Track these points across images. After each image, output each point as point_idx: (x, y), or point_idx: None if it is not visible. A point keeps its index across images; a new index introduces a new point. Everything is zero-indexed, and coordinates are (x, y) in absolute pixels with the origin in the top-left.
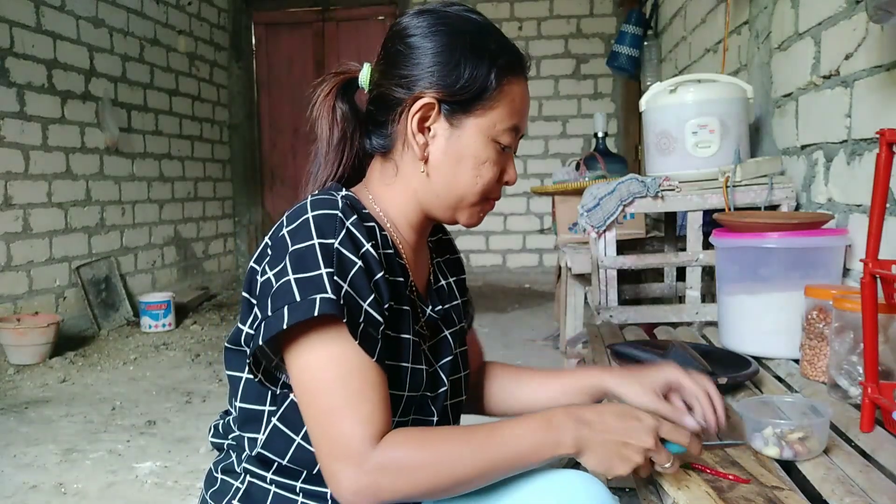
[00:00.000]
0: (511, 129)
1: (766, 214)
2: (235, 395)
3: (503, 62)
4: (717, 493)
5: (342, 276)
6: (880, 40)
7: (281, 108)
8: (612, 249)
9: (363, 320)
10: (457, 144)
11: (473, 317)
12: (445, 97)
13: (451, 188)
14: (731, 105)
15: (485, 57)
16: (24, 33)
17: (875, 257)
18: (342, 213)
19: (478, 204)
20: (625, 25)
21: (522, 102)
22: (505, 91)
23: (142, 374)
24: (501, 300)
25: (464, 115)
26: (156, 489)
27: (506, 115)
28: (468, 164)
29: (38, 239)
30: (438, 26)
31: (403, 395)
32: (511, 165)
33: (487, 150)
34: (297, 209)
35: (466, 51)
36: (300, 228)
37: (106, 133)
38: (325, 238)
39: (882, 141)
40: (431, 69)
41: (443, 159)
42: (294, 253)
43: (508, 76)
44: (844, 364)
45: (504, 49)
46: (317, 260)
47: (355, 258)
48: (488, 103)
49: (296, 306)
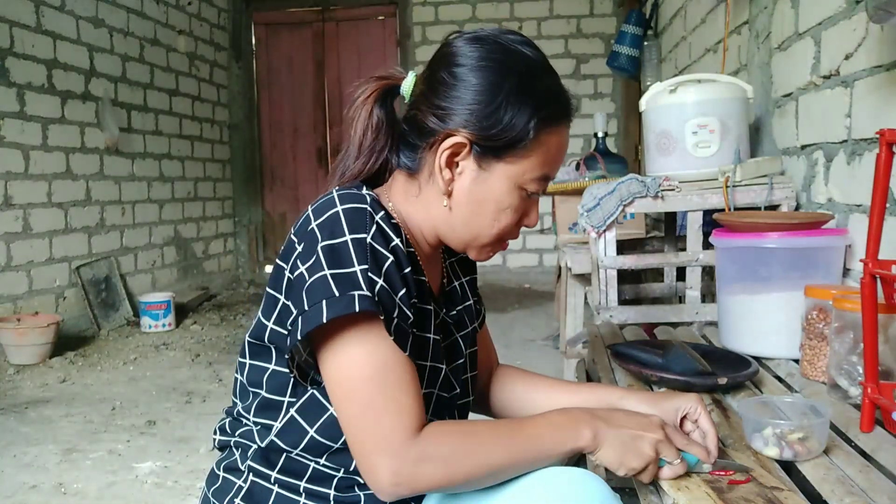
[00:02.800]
0: (541, 178)
1: (766, 214)
2: (259, 385)
3: (546, 113)
4: (717, 494)
5: (376, 272)
6: (880, 40)
7: (281, 108)
8: (612, 249)
9: (396, 315)
10: (482, 187)
11: (485, 316)
12: (478, 140)
13: (468, 227)
14: (731, 105)
15: (528, 104)
16: (24, 33)
17: (875, 257)
18: (371, 208)
19: (490, 245)
20: (625, 25)
21: (559, 152)
22: (542, 141)
23: (142, 374)
24: (501, 300)
25: (494, 160)
26: (156, 489)
27: (538, 164)
28: (489, 207)
29: (38, 239)
30: (488, 61)
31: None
32: (534, 210)
33: (512, 196)
34: (325, 203)
35: (511, 94)
36: (330, 222)
37: (106, 133)
38: (358, 232)
39: (882, 141)
40: (470, 107)
41: (466, 198)
42: (326, 247)
43: (549, 127)
44: (844, 364)
45: (551, 96)
46: (350, 255)
47: (387, 252)
48: (521, 152)
49: (334, 301)
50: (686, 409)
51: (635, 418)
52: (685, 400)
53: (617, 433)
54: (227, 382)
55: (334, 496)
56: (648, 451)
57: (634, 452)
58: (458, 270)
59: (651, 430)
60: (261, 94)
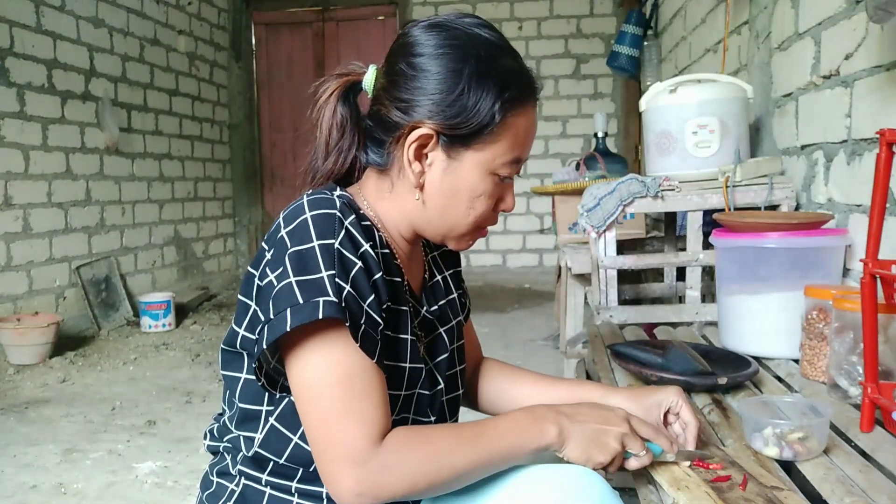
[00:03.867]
0: (512, 162)
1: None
2: (234, 395)
3: (511, 94)
4: (717, 494)
5: (344, 278)
6: (880, 40)
7: (281, 108)
8: (612, 249)
9: (364, 322)
10: (453, 176)
11: (469, 308)
12: (444, 130)
13: (443, 218)
14: (731, 105)
15: (491, 88)
16: (24, 33)
17: (875, 257)
18: (340, 213)
19: (468, 233)
20: (625, 25)
21: (528, 133)
22: (509, 124)
23: (142, 374)
24: (501, 300)
25: (463, 148)
26: (156, 489)
27: (508, 147)
28: (463, 196)
29: (38, 239)
30: (446, 47)
31: (401, 394)
32: (509, 193)
33: (484, 183)
34: (294, 209)
35: (472, 78)
36: (298, 229)
37: (106, 133)
38: (325, 238)
39: (882, 141)
40: (433, 97)
41: (438, 190)
42: (294, 254)
43: (515, 108)
44: (844, 364)
45: (514, 77)
46: (318, 261)
47: (355, 258)
48: (490, 137)
49: (298, 309)
50: (668, 402)
51: (599, 412)
52: (666, 394)
53: (582, 428)
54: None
55: (327, 493)
56: (614, 444)
57: (600, 447)
58: (442, 264)
59: (615, 424)
60: (261, 94)
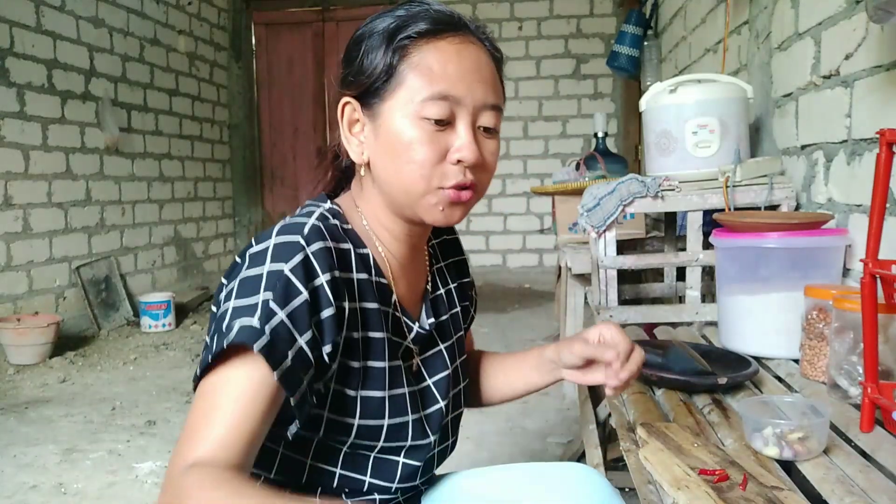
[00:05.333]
0: (436, 98)
1: (766, 214)
2: None
3: (406, 33)
4: (717, 493)
5: (281, 304)
6: (880, 40)
7: (281, 108)
8: (612, 249)
9: (293, 357)
10: (383, 136)
11: (473, 319)
12: (357, 92)
13: (394, 184)
14: (731, 105)
15: (383, 38)
16: (24, 33)
17: (875, 257)
18: (305, 240)
19: (432, 195)
20: (625, 25)
21: (447, 65)
22: (413, 61)
23: (142, 374)
24: (501, 300)
25: (379, 103)
26: (156, 489)
27: (421, 84)
28: (397, 151)
29: (38, 239)
30: (363, 24)
31: (383, 423)
32: (459, 138)
33: (412, 130)
34: (266, 232)
35: (372, 39)
36: (258, 254)
37: (106, 133)
38: (277, 263)
39: (882, 141)
40: (346, 67)
41: (377, 156)
42: (242, 278)
43: (413, 43)
44: (844, 364)
45: (408, 18)
46: (259, 286)
47: (303, 289)
48: (395, 81)
49: (221, 336)
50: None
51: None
52: (596, 327)
53: None
54: None
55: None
56: None
57: None
58: (448, 276)
59: None
60: (261, 94)
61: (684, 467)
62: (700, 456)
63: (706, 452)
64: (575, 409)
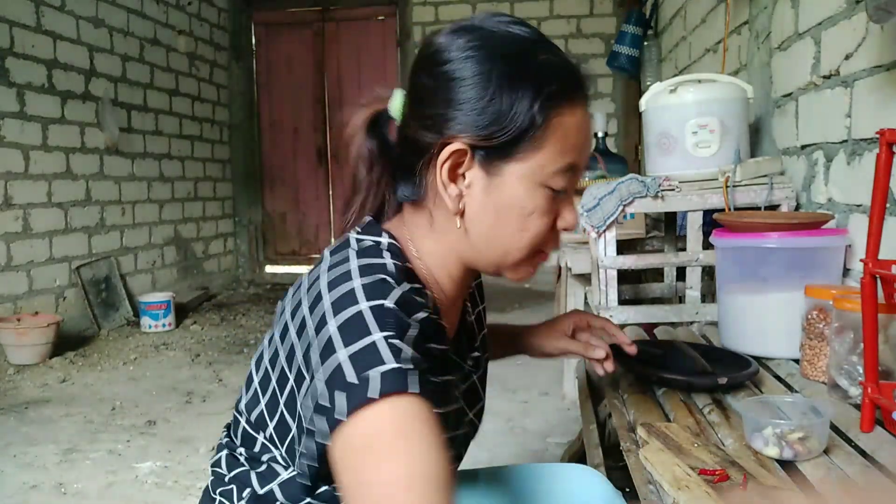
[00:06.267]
0: (565, 170)
1: (766, 214)
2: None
3: (551, 90)
4: (717, 493)
5: (400, 336)
6: (880, 40)
7: (281, 108)
8: (612, 249)
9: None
10: (496, 195)
11: None
12: (479, 142)
13: (492, 244)
14: (731, 105)
15: (526, 87)
16: (24, 33)
17: (875, 257)
18: (394, 280)
19: (525, 259)
20: (625, 25)
21: (579, 134)
22: (554, 125)
23: (142, 374)
24: (501, 300)
25: (503, 161)
26: (156, 489)
27: (557, 154)
28: (511, 217)
29: (38, 239)
30: (472, 50)
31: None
32: (568, 209)
33: (535, 198)
34: (341, 275)
35: (504, 80)
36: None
37: (106, 133)
38: (375, 300)
39: (882, 141)
40: (461, 107)
41: (481, 213)
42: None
43: (559, 107)
44: (844, 364)
45: (554, 72)
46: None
47: (410, 321)
48: (532, 144)
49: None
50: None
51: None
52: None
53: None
54: (228, 382)
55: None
56: None
57: None
58: (476, 300)
59: None
60: (261, 94)
61: (684, 467)
62: (700, 456)
63: (706, 452)
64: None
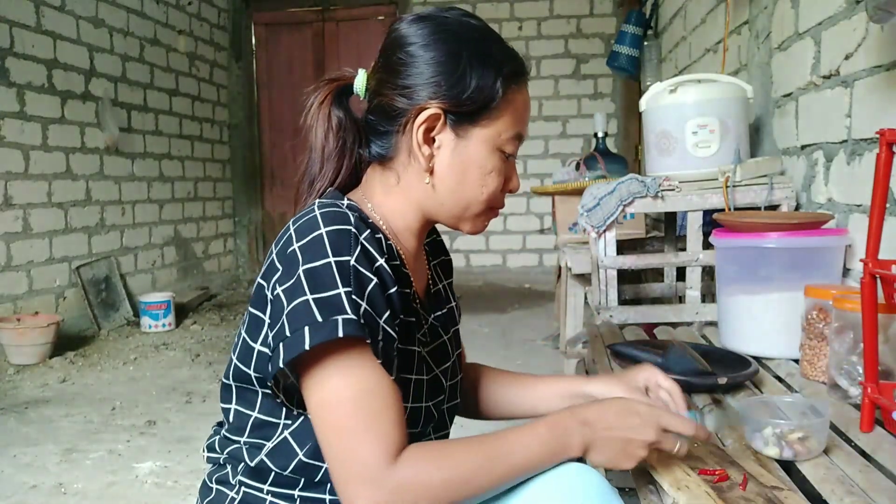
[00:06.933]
0: (515, 137)
1: (766, 214)
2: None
3: (508, 70)
4: (717, 493)
5: (360, 295)
6: (880, 40)
7: (281, 108)
8: (612, 249)
9: (381, 338)
10: (462, 155)
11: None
12: (451, 108)
13: (456, 198)
14: (731, 105)
15: (490, 65)
16: (24, 33)
17: (875, 257)
18: (356, 228)
19: (482, 213)
20: (625, 25)
21: (525, 109)
22: (509, 99)
23: (142, 374)
24: (501, 300)
25: (470, 126)
26: (156, 489)
27: (510, 123)
28: (474, 174)
29: (38, 239)
30: (439, 34)
31: (407, 406)
32: (514, 173)
33: (493, 159)
34: (308, 223)
35: (472, 59)
36: (312, 244)
37: (106, 133)
38: (341, 255)
39: (882, 141)
40: (436, 79)
41: (448, 170)
42: (308, 271)
43: (513, 84)
44: (844, 364)
45: (508, 56)
46: (334, 278)
47: (371, 274)
48: (494, 113)
49: (317, 327)
50: (646, 379)
51: (627, 419)
52: (643, 371)
53: (608, 438)
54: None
55: (330, 500)
56: (640, 453)
57: (626, 456)
58: (441, 274)
59: (642, 433)
60: (261, 94)
61: (684, 467)
62: (700, 456)
63: (706, 452)
64: None
